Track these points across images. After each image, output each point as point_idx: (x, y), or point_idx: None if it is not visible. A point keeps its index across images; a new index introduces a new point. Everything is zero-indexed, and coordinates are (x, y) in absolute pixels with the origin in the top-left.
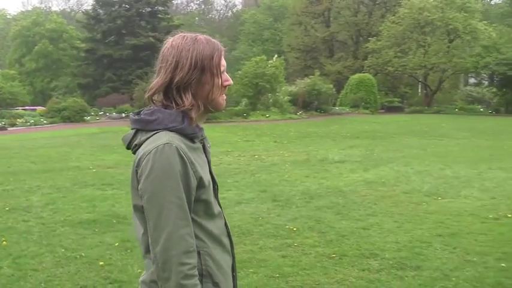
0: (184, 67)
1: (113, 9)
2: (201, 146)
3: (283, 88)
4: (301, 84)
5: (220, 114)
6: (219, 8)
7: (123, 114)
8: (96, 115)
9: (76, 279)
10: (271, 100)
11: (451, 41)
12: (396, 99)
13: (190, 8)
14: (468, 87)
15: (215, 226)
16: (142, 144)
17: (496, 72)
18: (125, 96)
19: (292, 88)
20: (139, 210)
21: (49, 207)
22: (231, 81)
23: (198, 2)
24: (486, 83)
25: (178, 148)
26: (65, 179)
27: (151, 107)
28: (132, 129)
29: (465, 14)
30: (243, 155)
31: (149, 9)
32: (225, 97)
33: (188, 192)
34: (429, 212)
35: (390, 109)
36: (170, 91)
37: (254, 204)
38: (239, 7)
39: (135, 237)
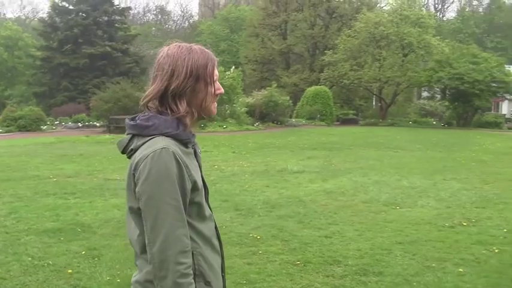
0: (180, 75)
1: (70, 17)
2: (193, 151)
3: (240, 99)
4: (258, 96)
5: None
6: (175, 18)
7: (80, 124)
8: (52, 124)
9: (45, 287)
10: (228, 111)
11: (405, 55)
12: (351, 111)
13: (147, 18)
14: (421, 101)
15: (206, 228)
16: (138, 148)
17: (448, 86)
18: (81, 106)
19: (249, 99)
20: (135, 212)
21: (12, 216)
22: (222, 90)
23: (155, 12)
24: (439, 96)
25: (175, 153)
26: (25, 188)
27: (147, 113)
28: (127, 134)
29: (419, 29)
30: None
31: (106, 18)
32: (216, 105)
33: (184, 195)
34: (388, 220)
35: (345, 121)
36: (166, 98)
37: (217, 214)
38: (196, 18)
39: (128, 238)
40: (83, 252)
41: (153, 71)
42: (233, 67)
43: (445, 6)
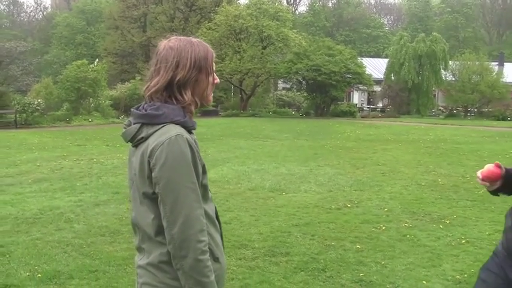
0: (185, 67)
1: None
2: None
3: (104, 92)
4: (122, 89)
5: (42, 119)
6: (28, 10)
7: None
8: None
9: None
10: (92, 104)
11: (264, 48)
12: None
13: None
14: (279, 92)
15: (210, 208)
16: (150, 136)
17: (306, 77)
18: None
19: (113, 92)
20: (149, 197)
21: None
22: (218, 80)
23: (6, 3)
24: (295, 87)
25: (188, 139)
26: None
27: (154, 103)
28: (135, 123)
29: (277, 23)
30: (81, 159)
31: None
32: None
33: (197, 178)
34: (279, 206)
35: (206, 113)
36: (171, 88)
37: (113, 205)
38: (49, 10)
39: (134, 224)
40: None
41: (153, 63)
42: (97, 60)
43: (297, 1)
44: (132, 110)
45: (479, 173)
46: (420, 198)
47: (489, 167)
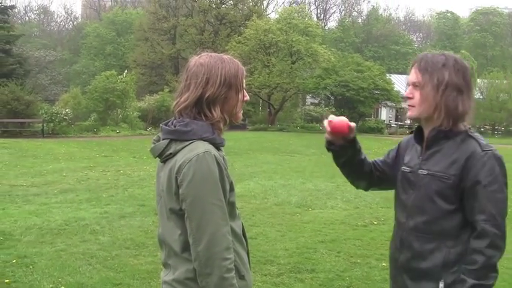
0: (215, 83)
1: None
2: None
3: (132, 104)
4: (150, 101)
5: (70, 129)
6: (58, 19)
7: None
8: None
9: None
10: (120, 116)
11: (293, 62)
12: None
13: (29, 17)
14: (307, 107)
15: (237, 225)
16: (178, 152)
17: (335, 93)
18: None
19: (141, 104)
20: (176, 213)
21: None
22: (248, 97)
23: (37, 12)
24: (323, 102)
25: (216, 156)
26: None
27: (183, 119)
28: (163, 139)
29: (307, 38)
30: (108, 170)
31: None
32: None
33: (224, 195)
34: (305, 221)
35: (233, 126)
36: (200, 105)
37: (138, 218)
38: (80, 20)
39: (161, 239)
40: (14, 261)
41: (184, 78)
42: (126, 71)
43: (327, 16)
44: (161, 125)
45: (331, 118)
46: None
47: (343, 120)
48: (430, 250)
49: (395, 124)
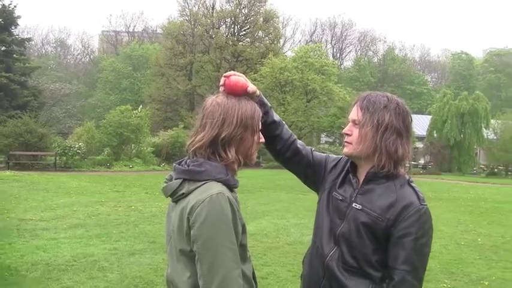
0: (231, 124)
1: None
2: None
3: (146, 139)
4: (164, 136)
5: (82, 163)
6: (75, 52)
7: None
8: None
9: None
10: (134, 151)
11: (309, 101)
12: None
13: (46, 49)
14: (321, 145)
15: (248, 269)
16: (190, 193)
17: None
18: None
19: (155, 139)
20: (186, 254)
21: None
22: (263, 139)
23: (54, 45)
24: (338, 141)
25: (229, 198)
26: None
27: (197, 159)
28: (176, 178)
29: (322, 77)
30: (119, 205)
31: (4, 48)
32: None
33: (236, 237)
34: None
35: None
36: (215, 145)
37: (148, 255)
38: (97, 53)
39: (169, 280)
40: None
41: (200, 118)
42: (141, 106)
43: (343, 55)
44: (174, 164)
45: (229, 73)
46: (459, 258)
47: (239, 80)
48: (355, 284)
49: (409, 164)
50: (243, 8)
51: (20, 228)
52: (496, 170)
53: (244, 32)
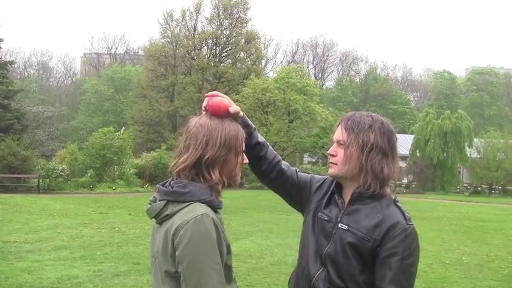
0: (215, 145)
1: None
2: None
3: (129, 160)
4: (147, 158)
5: (66, 185)
6: (58, 75)
7: None
8: None
9: None
10: (117, 172)
11: (291, 121)
12: None
13: (28, 72)
14: (304, 165)
15: None
16: (175, 214)
17: None
18: None
19: (138, 161)
20: (171, 276)
21: None
22: (247, 160)
23: (36, 67)
24: (321, 161)
25: (214, 218)
26: None
27: (181, 180)
28: (160, 200)
29: (304, 97)
30: (103, 227)
31: None
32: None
33: (221, 258)
34: None
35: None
36: (199, 166)
37: (133, 277)
38: (79, 76)
39: None
40: None
41: (183, 139)
42: (123, 128)
43: (325, 76)
44: (158, 186)
45: (213, 93)
46: (444, 276)
47: (222, 101)
48: None
49: (393, 183)
50: (225, 29)
51: (4, 251)
52: (479, 188)
53: (226, 53)
